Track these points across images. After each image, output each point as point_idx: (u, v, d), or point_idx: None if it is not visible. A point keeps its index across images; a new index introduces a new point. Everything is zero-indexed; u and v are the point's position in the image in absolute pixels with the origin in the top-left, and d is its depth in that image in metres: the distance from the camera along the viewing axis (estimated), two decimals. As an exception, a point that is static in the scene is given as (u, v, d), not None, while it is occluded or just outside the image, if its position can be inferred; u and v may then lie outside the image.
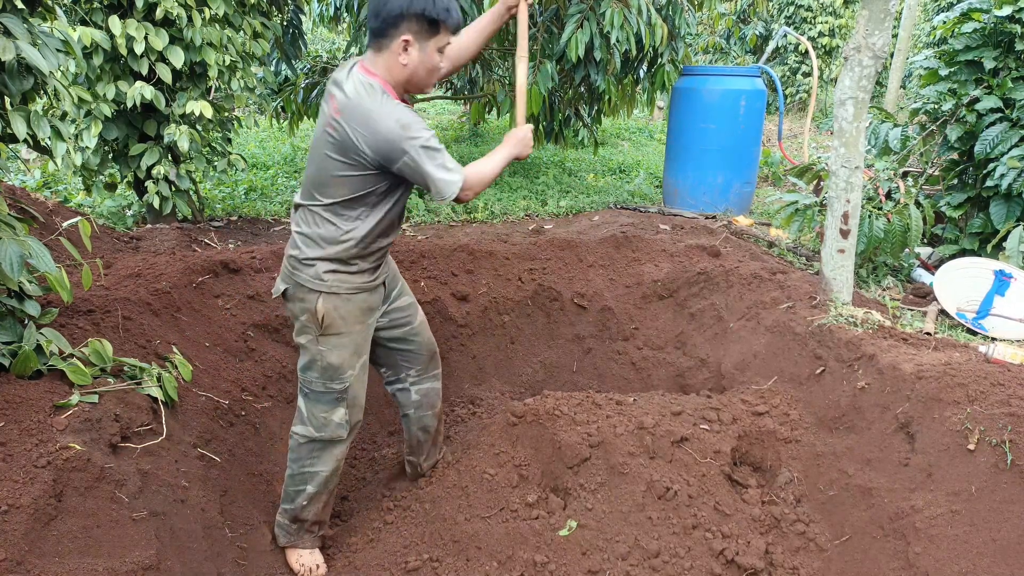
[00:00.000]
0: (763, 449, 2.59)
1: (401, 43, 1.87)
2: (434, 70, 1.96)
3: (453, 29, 1.92)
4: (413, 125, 1.87)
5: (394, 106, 1.87)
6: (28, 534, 1.54)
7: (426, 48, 1.89)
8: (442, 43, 1.92)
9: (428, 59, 1.91)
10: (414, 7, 1.84)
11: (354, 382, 2.21)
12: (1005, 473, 1.97)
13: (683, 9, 5.14)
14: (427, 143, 1.87)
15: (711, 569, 2.15)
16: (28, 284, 2.00)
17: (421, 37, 1.87)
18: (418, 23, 1.85)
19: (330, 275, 2.07)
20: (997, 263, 3.42)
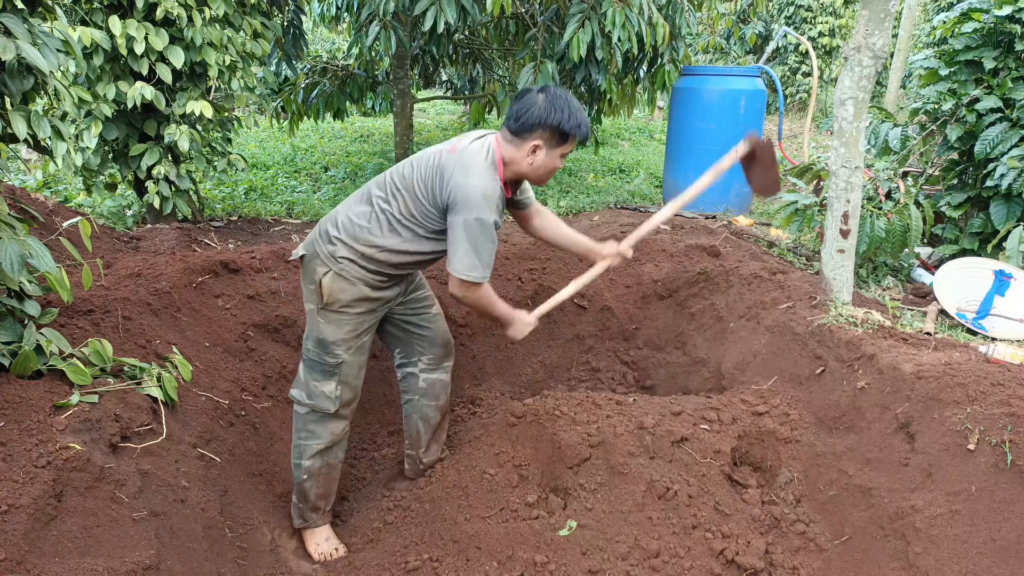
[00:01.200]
0: (763, 449, 2.59)
1: (532, 147, 2.07)
2: (552, 172, 2.16)
3: (580, 141, 2.11)
4: (491, 204, 2.03)
5: (492, 180, 2.05)
6: (28, 534, 1.54)
7: (552, 154, 2.09)
8: (567, 151, 2.11)
9: (551, 163, 2.11)
10: (551, 120, 2.03)
11: (349, 360, 2.29)
12: (1005, 473, 1.97)
13: (683, 9, 5.14)
14: (485, 224, 2.02)
15: (711, 569, 2.15)
16: (28, 284, 2.00)
17: (551, 144, 2.07)
18: (551, 133, 2.05)
19: (347, 261, 2.18)
20: (997, 263, 3.42)
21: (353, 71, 6.37)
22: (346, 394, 2.35)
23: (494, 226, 2.04)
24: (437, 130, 9.82)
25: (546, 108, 2.03)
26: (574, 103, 2.07)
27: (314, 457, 2.37)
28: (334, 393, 2.31)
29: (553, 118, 2.03)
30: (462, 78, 8.15)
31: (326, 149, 7.90)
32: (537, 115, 2.03)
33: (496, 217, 2.03)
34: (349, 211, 2.22)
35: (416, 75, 7.22)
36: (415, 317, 2.51)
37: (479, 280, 2.09)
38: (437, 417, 2.64)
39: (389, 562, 2.30)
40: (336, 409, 2.34)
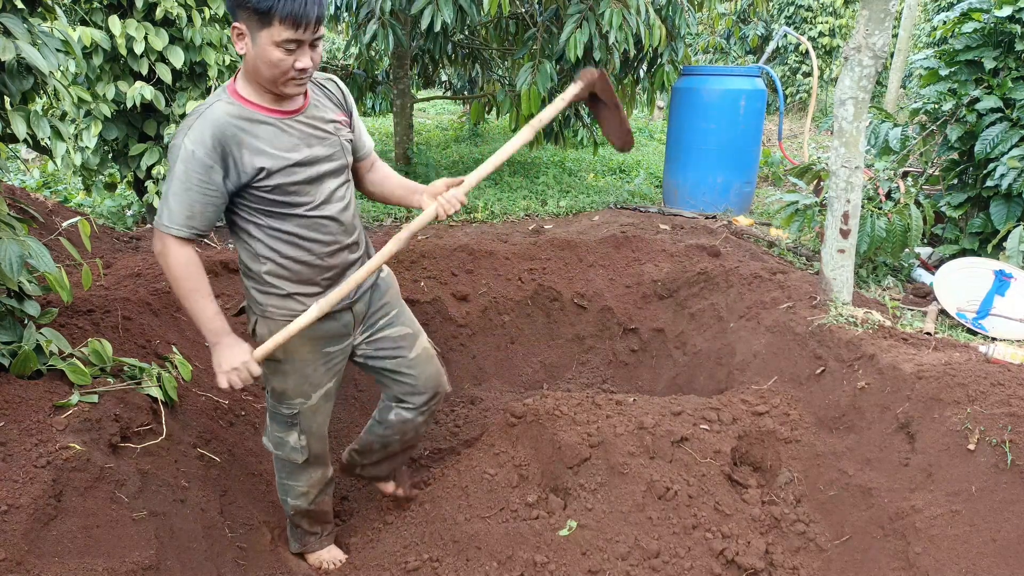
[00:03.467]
0: (763, 449, 2.59)
1: (236, 35, 1.65)
2: (276, 69, 1.63)
3: (292, 22, 1.56)
4: (190, 123, 1.66)
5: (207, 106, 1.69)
6: (28, 534, 1.54)
7: (260, 41, 1.60)
8: (277, 36, 1.58)
9: (264, 54, 1.61)
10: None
11: (306, 411, 2.04)
12: (1005, 473, 1.97)
13: (683, 9, 5.14)
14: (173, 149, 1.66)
15: (711, 569, 2.15)
16: (28, 284, 2.00)
17: (252, 29, 1.61)
18: (246, 12, 1.59)
19: (262, 296, 1.90)
20: (997, 263, 3.42)
21: (352, 71, 6.37)
22: (314, 444, 2.13)
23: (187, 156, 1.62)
24: (437, 130, 9.81)
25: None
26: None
27: (300, 498, 2.22)
28: (299, 444, 2.10)
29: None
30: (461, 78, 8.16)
31: (326, 149, 7.87)
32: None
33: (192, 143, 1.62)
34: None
35: (415, 75, 7.21)
36: (389, 362, 2.15)
37: (163, 230, 1.68)
38: (398, 450, 2.38)
39: (389, 562, 2.29)
40: (305, 459, 2.13)
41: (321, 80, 1.90)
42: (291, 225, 1.80)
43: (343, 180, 1.90)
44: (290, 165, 1.74)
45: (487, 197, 5.46)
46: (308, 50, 1.64)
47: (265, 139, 1.71)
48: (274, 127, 1.73)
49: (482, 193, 5.61)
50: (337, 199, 1.87)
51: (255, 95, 1.71)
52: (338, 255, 1.92)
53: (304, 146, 1.77)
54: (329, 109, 1.87)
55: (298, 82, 1.68)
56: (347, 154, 1.90)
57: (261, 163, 1.70)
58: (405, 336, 2.17)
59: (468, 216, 5.14)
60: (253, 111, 1.71)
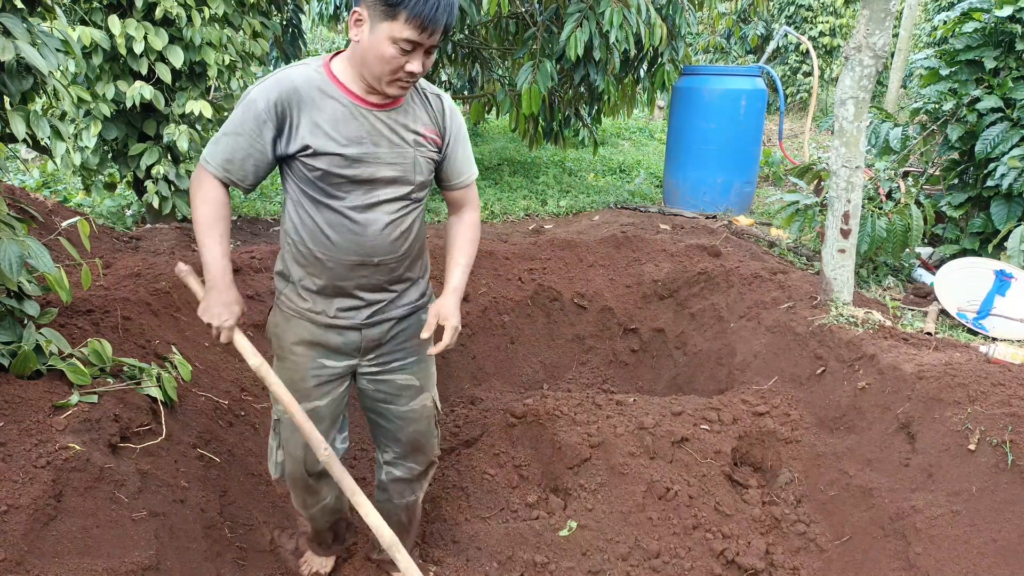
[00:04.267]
0: (763, 449, 2.59)
1: (354, 19, 1.54)
2: (385, 64, 1.52)
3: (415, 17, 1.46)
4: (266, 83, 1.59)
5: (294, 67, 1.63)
6: (27, 534, 1.54)
7: (377, 31, 1.49)
8: (398, 33, 1.47)
9: (376, 46, 1.50)
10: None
11: (287, 423, 1.85)
12: (1006, 473, 1.97)
13: (683, 9, 5.13)
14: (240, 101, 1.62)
15: (711, 569, 2.15)
16: (27, 284, 2.00)
17: (374, 17, 1.49)
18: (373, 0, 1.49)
19: (280, 280, 1.83)
20: (998, 263, 3.42)
21: (353, 71, 6.36)
22: (291, 466, 1.91)
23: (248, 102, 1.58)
24: (437, 130, 9.80)
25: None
26: None
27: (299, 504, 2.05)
28: (278, 460, 1.93)
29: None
30: (461, 78, 8.15)
31: (326, 149, 7.87)
32: None
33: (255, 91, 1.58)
34: None
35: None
36: (380, 404, 1.94)
37: (201, 162, 1.65)
38: (400, 515, 2.10)
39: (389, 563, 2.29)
40: (278, 478, 1.96)
41: (428, 90, 1.74)
42: (321, 217, 1.67)
43: (403, 199, 1.71)
44: (340, 155, 1.60)
45: (487, 197, 5.46)
46: (423, 55, 1.54)
47: (329, 119, 1.60)
48: (347, 110, 1.60)
49: (482, 193, 5.61)
50: (384, 214, 1.68)
51: (348, 79, 1.61)
52: (356, 272, 1.72)
53: (369, 143, 1.62)
54: (419, 120, 1.70)
55: (403, 84, 1.57)
56: (419, 173, 1.71)
57: (310, 141, 1.59)
58: (410, 387, 1.94)
59: (468, 216, 5.14)
60: (335, 88, 1.60)
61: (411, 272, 1.83)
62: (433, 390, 2.00)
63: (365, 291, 1.75)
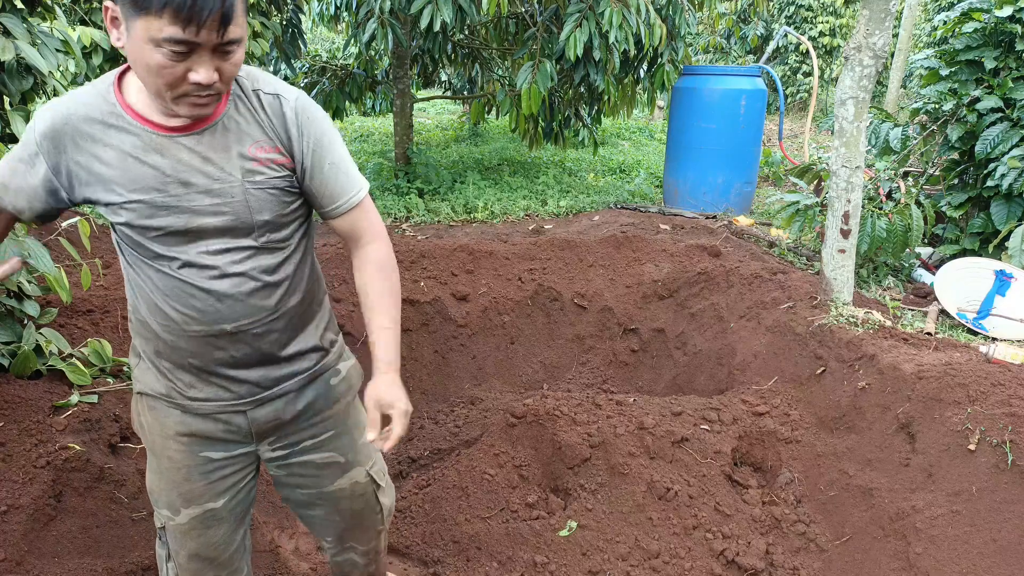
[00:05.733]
0: (763, 449, 2.59)
1: (110, 19, 1.12)
2: (154, 72, 1.09)
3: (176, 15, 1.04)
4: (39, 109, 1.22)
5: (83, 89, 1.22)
6: (27, 534, 1.54)
7: (134, 32, 1.07)
8: (155, 30, 1.05)
9: (138, 52, 1.09)
10: None
11: (173, 531, 1.43)
12: (1006, 473, 1.97)
13: (683, 9, 5.14)
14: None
15: (711, 569, 2.15)
16: (27, 284, 2.00)
17: (126, 17, 1.08)
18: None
19: (132, 357, 1.46)
20: (998, 263, 3.42)
21: (352, 70, 6.37)
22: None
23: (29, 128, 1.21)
24: (437, 130, 9.81)
25: None
26: None
27: None
28: (167, 571, 1.49)
29: None
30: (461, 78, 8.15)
31: (326, 149, 7.87)
32: None
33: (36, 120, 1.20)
34: None
35: (415, 74, 7.21)
36: (300, 492, 1.52)
37: None
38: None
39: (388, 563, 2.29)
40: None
41: (262, 91, 1.26)
42: (151, 279, 1.27)
43: (247, 249, 1.27)
44: (139, 202, 1.19)
45: (487, 197, 5.46)
46: (210, 58, 1.10)
47: (115, 158, 1.18)
48: (139, 143, 1.18)
49: (482, 193, 5.61)
50: (227, 271, 1.26)
51: (143, 100, 1.19)
52: (209, 347, 1.30)
53: (175, 182, 1.19)
54: (247, 137, 1.24)
55: (195, 101, 1.14)
56: (261, 211, 1.25)
57: (90, 192, 1.20)
58: (332, 464, 1.51)
59: (468, 216, 5.14)
60: (125, 115, 1.18)
61: (297, 333, 1.39)
62: (368, 461, 1.57)
63: (231, 367, 1.33)
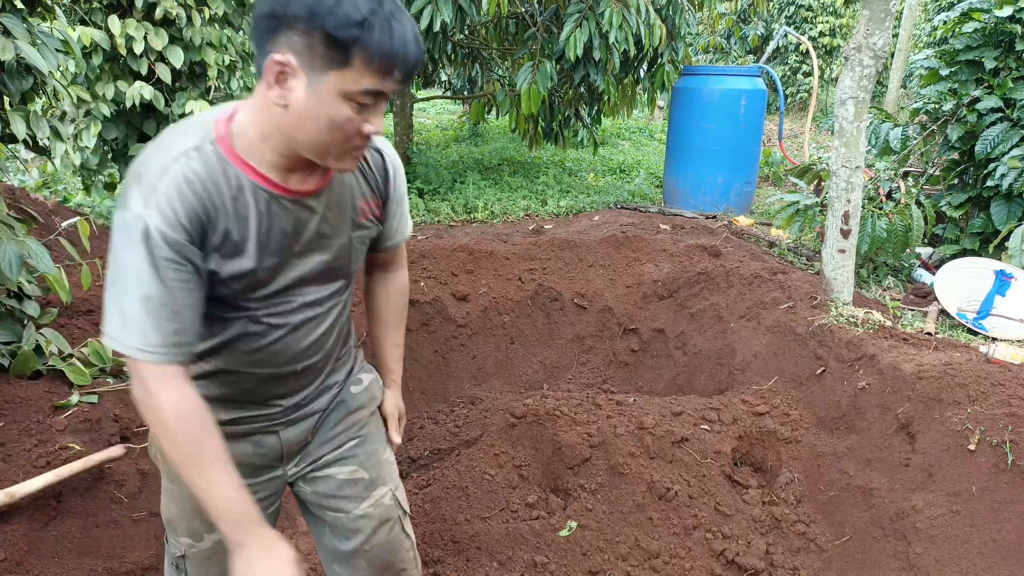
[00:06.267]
0: (763, 449, 2.59)
1: (275, 69, 0.98)
2: (338, 130, 1.01)
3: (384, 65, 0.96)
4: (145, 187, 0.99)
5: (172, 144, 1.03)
6: (28, 534, 1.54)
7: (321, 85, 0.97)
8: (359, 84, 0.97)
9: (322, 107, 0.99)
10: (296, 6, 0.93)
11: (195, 558, 1.32)
12: (1006, 473, 1.97)
13: (683, 9, 5.14)
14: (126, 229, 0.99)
15: (711, 569, 2.15)
16: (27, 284, 2.00)
17: (313, 63, 0.96)
18: (309, 36, 0.94)
19: None
20: (998, 263, 3.42)
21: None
22: None
23: (145, 237, 0.97)
24: (437, 130, 9.82)
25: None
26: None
27: None
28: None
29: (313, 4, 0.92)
30: (461, 78, 8.15)
31: (326, 149, 7.88)
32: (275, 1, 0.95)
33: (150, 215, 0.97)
34: None
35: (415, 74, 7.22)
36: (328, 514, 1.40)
37: (133, 354, 1.01)
38: None
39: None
40: None
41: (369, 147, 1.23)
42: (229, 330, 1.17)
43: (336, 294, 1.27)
44: (265, 268, 1.13)
45: (487, 197, 5.46)
46: (382, 106, 1.05)
47: (253, 229, 1.09)
48: (265, 208, 1.09)
49: (482, 193, 5.61)
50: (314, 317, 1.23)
51: (258, 157, 1.07)
52: (270, 381, 1.25)
53: (301, 243, 1.15)
54: (359, 192, 1.22)
55: (357, 154, 1.08)
56: (356, 261, 1.27)
57: (218, 265, 1.07)
58: (357, 482, 1.39)
59: (468, 216, 5.14)
60: (246, 178, 1.06)
61: (340, 359, 1.38)
62: (391, 481, 1.44)
63: (279, 398, 1.29)
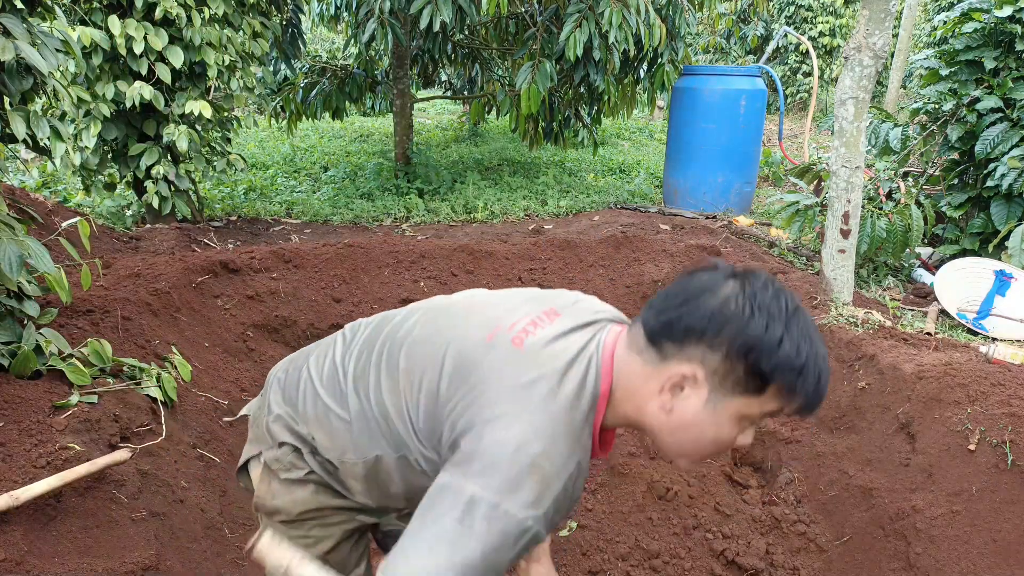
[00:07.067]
0: (764, 449, 2.59)
1: (677, 377, 0.94)
2: (712, 447, 0.98)
3: (804, 406, 0.92)
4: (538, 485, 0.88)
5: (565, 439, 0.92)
6: (28, 534, 1.54)
7: (724, 406, 0.93)
8: (764, 409, 0.94)
9: (715, 424, 0.95)
10: (743, 332, 0.89)
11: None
12: (1006, 473, 1.97)
13: (683, 9, 5.14)
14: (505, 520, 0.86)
15: (711, 569, 2.15)
16: (27, 284, 2.00)
17: (724, 385, 0.92)
18: (731, 361, 0.90)
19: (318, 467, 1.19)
20: (998, 263, 3.42)
21: (352, 71, 6.37)
22: None
23: (524, 533, 0.88)
24: (437, 130, 9.81)
25: (737, 308, 0.90)
26: (803, 320, 0.92)
27: None
28: None
29: (748, 330, 0.89)
30: (461, 78, 8.15)
31: (326, 149, 7.90)
32: (709, 316, 0.91)
33: (536, 517, 0.88)
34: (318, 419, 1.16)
35: (415, 75, 7.21)
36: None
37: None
38: None
39: (389, 562, 2.29)
40: None
41: None
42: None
43: None
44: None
45: (487, 197, 5.46)
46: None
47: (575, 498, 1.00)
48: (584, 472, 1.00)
49: (482, 193, 5.61)
50: None
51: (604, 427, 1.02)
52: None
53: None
54: None
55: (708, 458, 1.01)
56: None
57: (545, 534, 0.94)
58: None
59: (468, 216, 5.14)
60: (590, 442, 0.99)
61: None
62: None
63: None
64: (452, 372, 1.00)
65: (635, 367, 0.98)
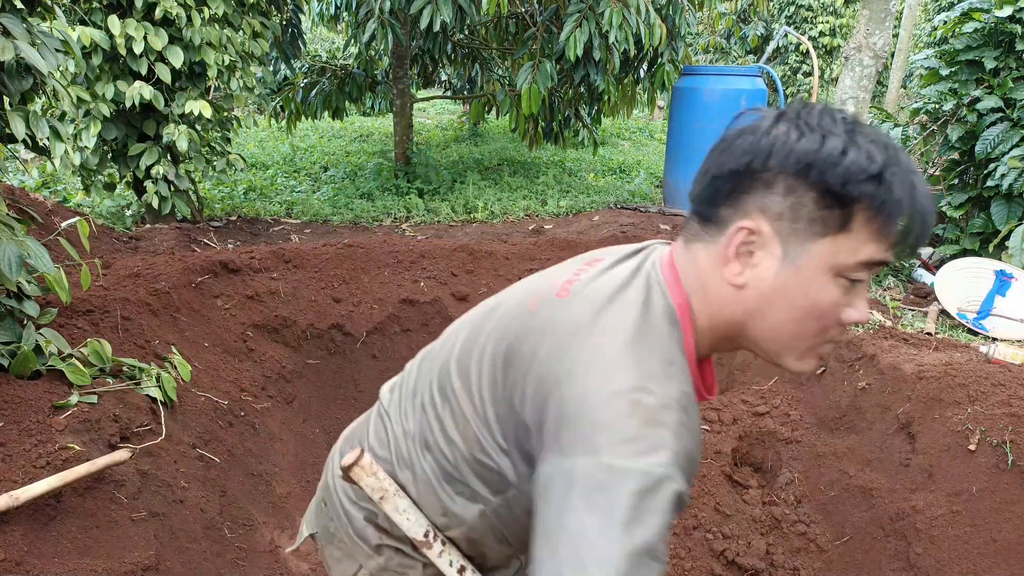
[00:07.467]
0: (764, 450, 2.59)
1: (742, 233, 0.78)
2: (816, 317, 0.78)
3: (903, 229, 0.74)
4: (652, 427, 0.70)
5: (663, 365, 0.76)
6: (27, 534, 1.54)
7: (809, 254, 0.76)
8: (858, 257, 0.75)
9: (806, 281, 0.76)
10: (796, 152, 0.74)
11: None
12: (1006, 473, 1.97)
13: (683, 9, 5.14)
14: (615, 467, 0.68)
15: (711, 570, 2.15)
16: (27, 284, 2.00)
17: (797, 225, 0.76)
18: (797, 188, 0.74)
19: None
20: (998, 263, 3.42)
21: (352, 70, 6.37)
22: None
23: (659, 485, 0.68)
24: (437, 130, 9.81)
25: (782, 132, 0.75)
26: (871, 131, 0.75)
27: None
28: None
29: (800, 146, 0.73)
30: (461, 78, 8.15)
31: (325, 149, 7.90)
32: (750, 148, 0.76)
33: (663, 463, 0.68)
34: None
35: (415, 74, 7.21)
36: None
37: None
38: None
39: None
40: None
41: None
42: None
43: None
44: None
45: (487, 197, 5.46)
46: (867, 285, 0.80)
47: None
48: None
49: (482, 193, 5.61)
50: None
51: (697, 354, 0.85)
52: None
53: None
54: None
55: (825, 352, 0.84)
56: None
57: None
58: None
59: (468, 216, 5.14)
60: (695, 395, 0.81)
61: None
62: None
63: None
64: (505, 358, 0.85)
65: (699, 258, 0.82)
